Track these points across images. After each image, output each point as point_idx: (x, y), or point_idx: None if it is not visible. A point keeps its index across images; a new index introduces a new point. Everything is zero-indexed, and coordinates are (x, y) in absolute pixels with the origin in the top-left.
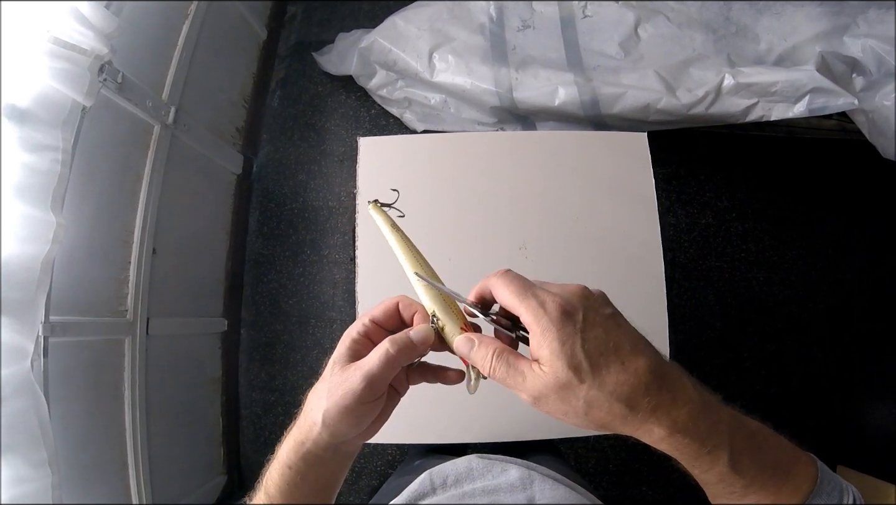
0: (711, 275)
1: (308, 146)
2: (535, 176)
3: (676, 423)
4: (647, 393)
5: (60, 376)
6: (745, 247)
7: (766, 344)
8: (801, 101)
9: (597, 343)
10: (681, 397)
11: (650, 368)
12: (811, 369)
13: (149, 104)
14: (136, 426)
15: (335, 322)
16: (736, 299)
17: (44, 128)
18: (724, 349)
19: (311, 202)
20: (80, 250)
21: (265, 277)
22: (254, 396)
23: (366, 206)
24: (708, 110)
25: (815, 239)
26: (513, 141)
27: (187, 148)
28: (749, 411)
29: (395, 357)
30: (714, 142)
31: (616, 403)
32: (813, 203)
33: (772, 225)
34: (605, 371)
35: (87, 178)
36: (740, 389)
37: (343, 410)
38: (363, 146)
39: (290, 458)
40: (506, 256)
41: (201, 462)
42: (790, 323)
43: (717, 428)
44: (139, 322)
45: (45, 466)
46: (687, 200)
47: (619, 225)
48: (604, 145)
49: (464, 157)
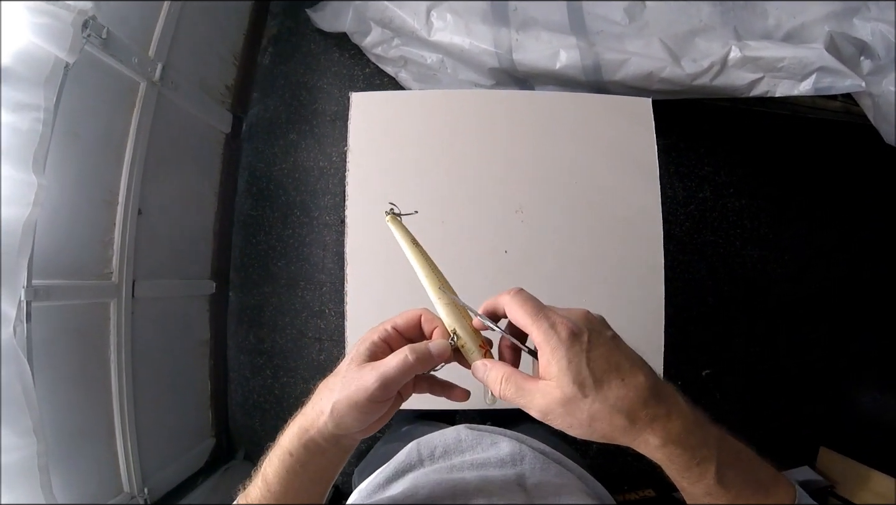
0: (706, 249)
1: (299, 105)
2: (533, 137)
3: (670, 434)
4: (645, 406)
5: (44, 342)
6: (741, 223)
7: (757, 321)
8: (807, 80)
9: (600, 362)
10: (675, 411)
11: (648, 384)
12: (800, 350)
13: (135, 61)
14: (123, 391)
15: (324, 285)
16: (729, 275)
17: (25, 86)
18: (715, 324)
19: (302, 163)
20: (63, 212)
21: (254, 239)
22: (242, 358)
23: (356, 166)
24: (712, 82)
25: (812, 220)
26: (511, 100)
27: (174, 106)
28: (737, 387)
29: (412, 364)
30: (716, 115)
31: (617, 415)
32: (812, 184)
33: (769, 203)
34: (607, 387)
35: (71, 137)
36: (729, 364)
37: (353, 404)
38: (355, 101)
39: (292, 444)
40: (501, 218)
41: (189, 426)
42: (781, 302)
43: (707, 442)
44: (125, 285)
45: (31, 434)
46: (685, 173)
47: (618, 191)
48: (606, 109)
49: (460, 116)
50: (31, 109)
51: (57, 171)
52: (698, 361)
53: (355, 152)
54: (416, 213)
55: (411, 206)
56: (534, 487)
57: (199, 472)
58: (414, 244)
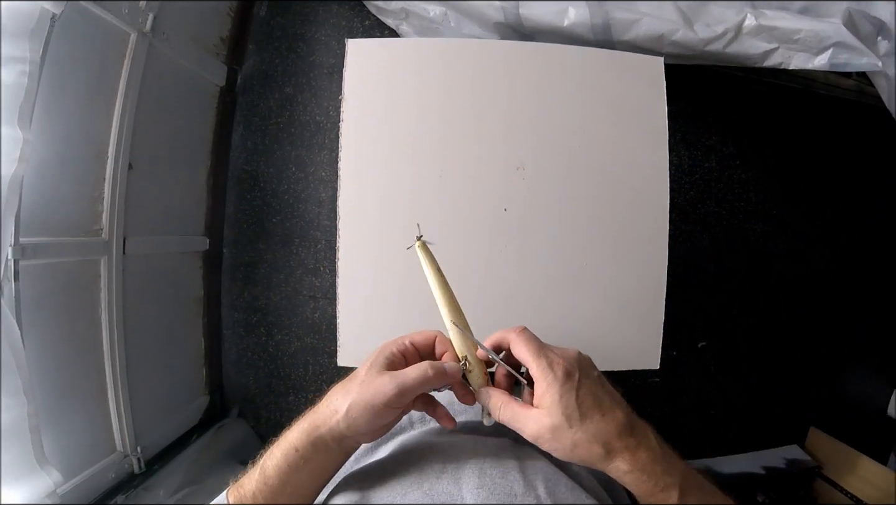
0: (709, 220)
1: (296, 57)
2: (537, 92)
3: (638, 462)
4: (619, 438)
5: (33, 301)
6: (746, 196)
7: (757, 296)
8: (823, 54)
9: (587, 399)
10: (644, 444)
11: (624, 420)
12: (798, 328)
13: (125, 11)
14: (115, 349)
15: (319, 242)
16: (731, 247)
17: (9, 38)
18: (715, 296)
19: (299, 117)
20: (50, 168)
21: (248, 195)
22: (236, 316)
23: (351, 116)
24: (725, 49)
25: (818, 198)
26: (515, 52)
27: (166, 58)
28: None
29: (430, 378)
30: (727, 84)
31: (596, 444)
32: (820, 162)
33: (775, 178)
34: (589, 420)
35: (58, 90)
36: (726, 337)
37: (368, 407)
38: (351, 49)
39: (300, 439)
40: (501, 175)
41: (183, 384)
42: (782, 279)
43: (671, 472)
44: (115, 241)
45: (21, 394)
46: (692, 142)
47: (624, 153)
48: (615, 66)
49: (461, 67)
50: (16, 62)
51: (44, 126)
52: (695, 332)
53: (350, 102)
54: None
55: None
56: (525, 452)
57: (193, 429)
58: (438, 273)
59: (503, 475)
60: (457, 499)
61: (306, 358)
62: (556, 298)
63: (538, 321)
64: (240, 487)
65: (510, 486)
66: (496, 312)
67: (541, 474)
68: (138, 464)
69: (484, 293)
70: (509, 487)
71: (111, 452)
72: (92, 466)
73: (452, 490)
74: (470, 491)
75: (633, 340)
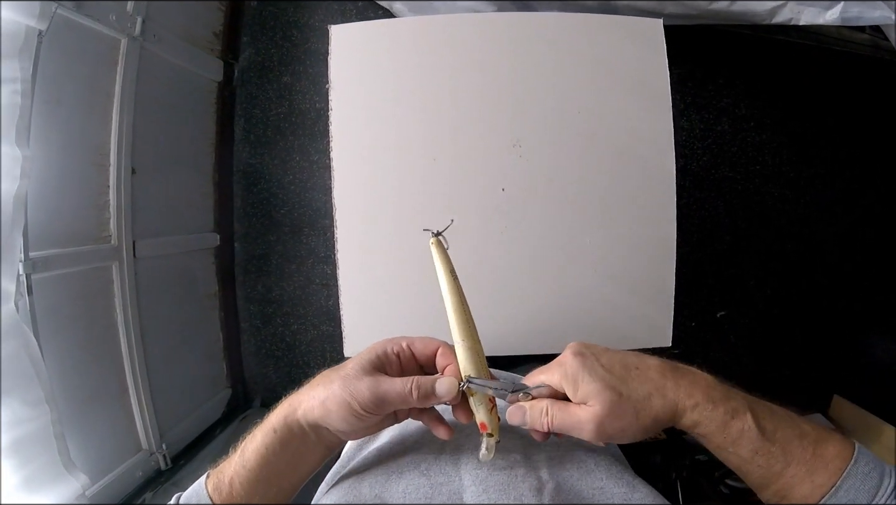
0: (723, 185)
1: (292, 45)
2: (532, 64)
3: (698, 392)
4: (665, 377)
5: (49, 312)
6: (762, 159)
7: (773, 262)
8: (833, 8)
9: (612, 363)
10: (688, 376)
11: (660, 363)
12: (818, 294)
13: (112, 18)
14: (133, 351)
15: (328, 230)
16: (746, 213)
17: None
18: (730, 265)
19: (299, 105)
20: (53, 181)
21: (255, 188)
22: (252, 308)
23: (340, 104)
24: (731, 7)
25: (836, 158)
26: (507, 23)
27: (160, 60)
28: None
29: (412, 400)
30: (735, 44)
31: (653, 397)
32: (837, 121)
33: (791, 139)
34: (630, 381)
35: (53, 104)
36: (745, 305)
37: (343, 405)
38: (335, 35)
39: (278, 420)
40: (496, 154)
41: (204, 378)
42: (800, 244)
43: (733, 395)
44: (125, 246)
45: (43, 403)
46: (702, 105)
47: (626, 122)
48: (611, 31)
49: (450, 43)
50: (7, 83)
51: (42, 141)
52: (713, 301)
53: (337, 89)
54: (453, 221)
55: (402, 144)
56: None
57: (217, 423)
58: (452, 275)
59: (504, 455)
60: (454, 479)
61: (323, 345)
62: (561, 278)
63: (544, 304)
64: (219, 472)
65: (511, 466)
66: (500, 299)
67: (544, 453)
68: (164, 461)
69: (486, 280)
70: (510, 466)
71: (137, 451)
72: (119, 466)
73: (450, 470)
74: (469, 472)
75: (644, 317)
